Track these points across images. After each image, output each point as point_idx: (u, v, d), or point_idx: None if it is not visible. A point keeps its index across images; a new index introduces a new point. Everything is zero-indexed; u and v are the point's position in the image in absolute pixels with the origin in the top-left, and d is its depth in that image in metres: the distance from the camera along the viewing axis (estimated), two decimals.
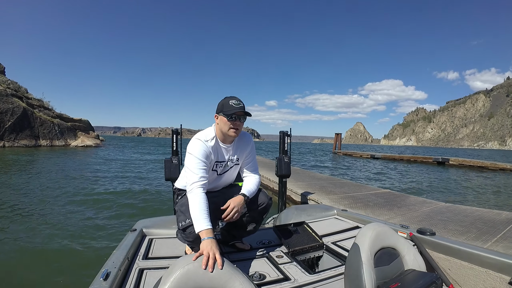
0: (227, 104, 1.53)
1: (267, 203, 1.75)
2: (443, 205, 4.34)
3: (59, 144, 28.53)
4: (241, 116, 1.54)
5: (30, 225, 4.40)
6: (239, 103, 1.53)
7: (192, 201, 1.41)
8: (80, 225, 4.47)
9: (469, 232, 2.97)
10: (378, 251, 1.20)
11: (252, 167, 1.78)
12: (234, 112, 1.50)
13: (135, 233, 1.79)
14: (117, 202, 6.09)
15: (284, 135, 3.98)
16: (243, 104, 1.55)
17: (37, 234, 4.00)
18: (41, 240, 3.78)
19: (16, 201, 5.81)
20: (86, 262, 3.19)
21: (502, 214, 3.79)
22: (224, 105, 1.54)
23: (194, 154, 1.50)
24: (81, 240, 3.84)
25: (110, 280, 1.16)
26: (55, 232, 4.11)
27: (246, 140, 1.74)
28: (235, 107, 1.51)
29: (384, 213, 3.74)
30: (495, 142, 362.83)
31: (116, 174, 10.72)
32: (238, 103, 1.52)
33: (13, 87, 27.97)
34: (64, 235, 3.98)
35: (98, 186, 7.90)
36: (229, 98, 1.55)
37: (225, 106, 1.53)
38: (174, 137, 3.67)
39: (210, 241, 1.19)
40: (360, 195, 4.99)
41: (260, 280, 1.39)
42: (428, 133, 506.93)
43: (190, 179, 1.47)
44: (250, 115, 1.57)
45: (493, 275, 1.40)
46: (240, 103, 1.54)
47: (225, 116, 1.51)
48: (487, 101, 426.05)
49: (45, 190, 7.04)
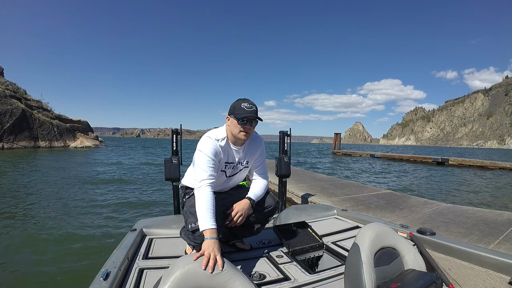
0: (238, 106, 1.50)
1: (274, 206, 1.75)
2: (444, 206, 4.32)
3: (58, 145, 28.49)
4: (252, 120, 1.52)
5: (30, 225, 4.40)
6: (251, 107, 1.50)
7: (199, 198, 1.40)
8: (80, 225, 4.47)
9: (471, 234, 2.95)
10: (378, 251, 1.20)
11: (261, 170, 1.77)
12: (245, 116, 1.47)
13: (135, 233, 1.79)
14: (117, 202, 6.09)
15: (284, 135, 3.99)
16: (255, 108, 1.52)
17: (37, 234, 4.00)
18: (41, 240, 3.78)
19: (15, 202, 5.80)
20: (86, 261, 3.19)
21: (504, 214, 3.76)
22: (235, 107, 1.51)
23: (204, 151, 1.49)
24: (81, 240, 3.84)
25: (110, 280, 1.16)
26: (54, 232, 4.10)
27: (256, 143, 1.73)
28: (246, 111, 1.48)
29: (386, 215, 3.73)
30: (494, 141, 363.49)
31: (116, 174, 10.72)
32: (250, 107, 1.50)
33: (11, 89, 27.92)
34: (64, 235, 3.98)
35: (98, 186, 7.89)
36: (241, 101, 1.52)
37: (236, 108, 1.51)
38: (174, 137, 3.67)
39: (212, 241, 1.19)
40: (361, 197, 4.97)
41: (260, 280, 1.39)
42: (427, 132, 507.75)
43: (199, 176, 1.46)
44: (261, 120, 1.55)
45: (493, 275, 1.40)
46: (253, 106, 1.51)
47: (235, 119, 1.49)
48: (486, 100, 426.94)
49: (44, 190, 7.03)
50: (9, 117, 24.33)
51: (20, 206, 5.56)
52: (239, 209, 1.54)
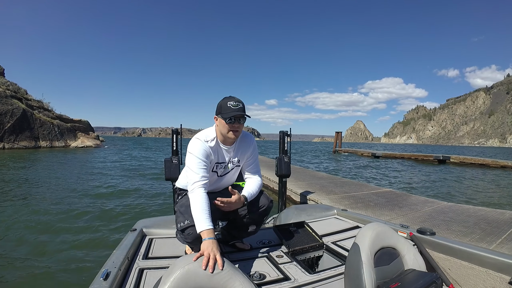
0: (225, 105, 1.48)
1: (268, 205, 1.73)
2: (445, 205, 4.30)
3: (59, 145, 28.56)
4: (240, 118, 1.50)
5: (29, 225, 4.41)
6: (238, 104, 1.48)
7: (194, 201, 1.40)
8: (80, 225, 4.48)
9: (473, 233, 2.92)
10: (378, 251, 1.20)
11: (253, 169, 1.74)
12: (232, 115, 1.45)
13: (135, 233, 1.79)
14: (116, 202, 6.11)
15: (284, 135, 3.99)
16: (242, 105, 1.50)
17: (36, 234, 4.01)
18: (41, 240, 3.79)
19: (14, 203, 5.82)
20: (86, 262, 3.19)
21: (505, 213, 3.74)
22: (222, 106, 1.49)
23: (194, 153, 1.48)
24: (81, 240, 3.85)
25: (110, 280, 1.16)
26: (54, 232, 4.12)
27: (247, 142, 1.70)
28: (233, 109, 1.46)
29: (386, 214, 3.71)
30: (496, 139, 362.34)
31: (116, 174, 10.74)
32: (236, 105, 1.47)
33: (12, 89, 28.01)
34: (64, 235, 3.99)
35: (98, 186, 7.90)
36: (227, 99, 1.50)
37: (223, 108, 1.48)
38: (174, 137, 3.68)
39: (211, 241, 1.19)
40: (361, 195, 4.97)
41: (260, 280, 1.39)
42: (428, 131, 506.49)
43: (191, 178, 1.45)
44: (249, 117, 1.53)
45: (493, 275, 1.40)
46: (239, 104, 1.48)
47: (223, 119, 1.47)
48: (487, 99, 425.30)
49: (42, 191, 7.06)
50: (10, 117, 24.40)
51: (19, 206, 5.59)
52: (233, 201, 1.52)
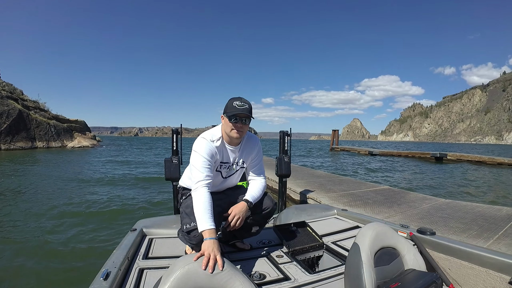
0: (230, 105, 1.50)
1: (272, 208, 1.74)
2: (443, 202, 4.33)
3: (55, 145, 28.34)
4: (245, 119, 1.51)
5: (28, 224, 4.38)
6: (243, 105, 1.49)
7: (197, 200, 1.40)
8: (80, 225, 4.45)
9: (470, 230, 2.94)
10: (378, 250, 1.20)
11: (258, 171, 1.75)
12: (235, 114, 1.47)
13: (135, 233, 1.79)
14: (116, 201, 6.08)
15: (284, 135, 3.98)
16: (248, 106, 1.51)
17: (36, 234, 3.98)
18: (40, 240, 3.77)
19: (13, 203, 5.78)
20: (86, 262, 3.18)
21: (502, 210, 3.77)
22: (228, 106, 1.52)
23: (199, 152, 1.49)
24: (81, 240, 3.83)
25: (110, 279, 1.16)
26: (54, 232, 4.09)
27: (253, 143, 1.71)
28: (237, 109, 1.48)
29: (384, 211, 3.72)
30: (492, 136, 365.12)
31: (115, 174, 10.68)
32: (241, 105, 1.49)
33: (8, 89, 27.71)
34: (64, 235, 3.97)
35: (97, 186, 7.87)
36: (234, 99, 1.52)
37: (228, 107, 1.51)
38: (174, 137, 3.66)
39: (212, 242, 1.19)
40: (359, 193, 4.98)
41: (260, 280, 1.39)
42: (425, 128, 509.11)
43: (195, 177, 1.46)
44: (253, 118, 1.54)
45: (493, 275, 1.41)
46: (245, 104, 1.50)
47: (227, 117, 1.49)
48: (484, 96, 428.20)
49: (42, 191, 7.00)
50: (6, 118, 24.14)
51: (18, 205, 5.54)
52: (237, 212, 1.52)
